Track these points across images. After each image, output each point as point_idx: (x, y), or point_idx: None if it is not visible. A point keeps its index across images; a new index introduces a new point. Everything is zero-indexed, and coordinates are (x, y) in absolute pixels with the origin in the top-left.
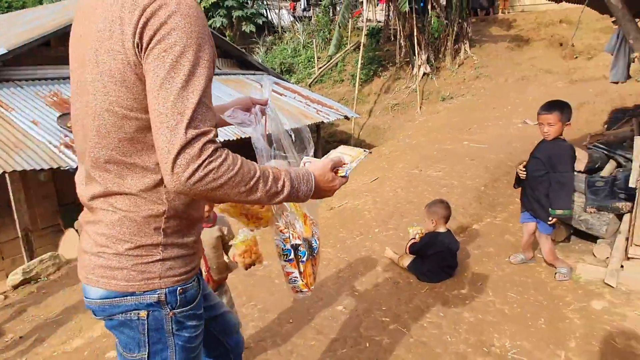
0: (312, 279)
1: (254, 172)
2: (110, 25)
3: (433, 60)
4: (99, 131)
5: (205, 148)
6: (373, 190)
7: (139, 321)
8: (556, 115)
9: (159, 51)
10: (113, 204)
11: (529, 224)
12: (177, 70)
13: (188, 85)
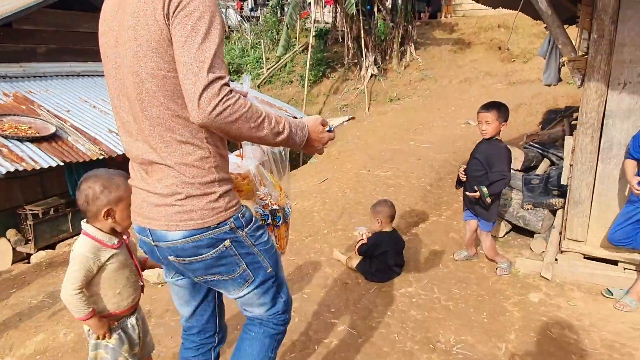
0: (285, 242)
1: (261, 112)
2: (143, 6)
3: (380, 62)
4: (148, 93)
5: (223, 88)
6: (322, 191)
7: (228, 249)
8: (494, 114)
9: (182, 17)
10: (170, 158)
11: (470, 221)
12: (196, 30)
13: (205, 40)
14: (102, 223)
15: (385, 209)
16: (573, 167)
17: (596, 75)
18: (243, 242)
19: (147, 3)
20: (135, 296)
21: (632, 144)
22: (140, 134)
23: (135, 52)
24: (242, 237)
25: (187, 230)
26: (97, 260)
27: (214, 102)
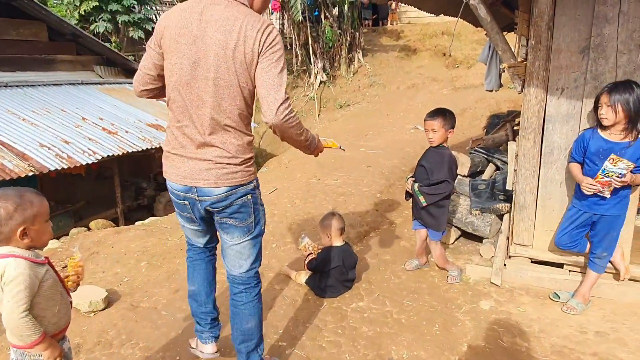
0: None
1: (302, 125)
2: (239, 37)
3: (329, 69)
4: (229, 96)
5: (290, 105)
6: (271, 202)
7: (249, 201)
8: (439, 122)
9: (270, 52)
10: (230, 138)
11: (420, 231)
12: (278, 63)
13: (282, 71)
14: (17, 243)
15: (334, 222)
16: (517, 172)
17: (535, 81)
18: (257, 198)
19: (246, 37)
20: (69, 314)
21: (574, 147)
22: (207, 121)
23: (228, 66)
24: (257, 195)
25: (230, 185)
26: (36, 277)
27: (286, 112)
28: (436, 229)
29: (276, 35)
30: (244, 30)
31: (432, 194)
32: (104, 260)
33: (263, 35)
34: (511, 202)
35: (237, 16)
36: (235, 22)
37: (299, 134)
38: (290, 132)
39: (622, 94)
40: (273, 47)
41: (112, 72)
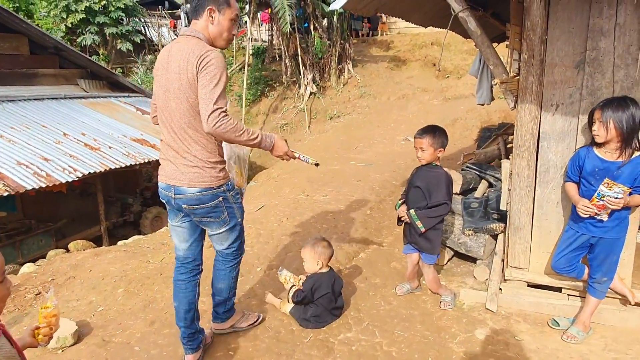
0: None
1: (243, 127)
2: (185, 64)
3: (319, 80)
4: (185, 111)
5: (221, 114)
6: (257, 220)
7: (221, 202)
8: (427, 140)
9: (204, 72)
10: (196, 146)
11: (412, 255)
12: (211, 81)
13: (215, 87)
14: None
15: (327, 250)
16: (511, 191)
17: (529, 96)
18: (228, 199)
19: (187, 62)
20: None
21: (570, 166)
22: (178, 133)
23: (182, 88)
24: (228, 196)
25: (201, 187)
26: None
27: (215, 120)
28: (431, 253)
29: (212, 58)
30: (188, 57)
31: (431, 217)
32: (80, 286)
33: (200, 59)
34: (505, 222)
35: (187, 48)
36: (186, 52)
37: (237, 136)
38: (227, 136)
39: (615, 111)
40: (207, 67)
41: (97, 85)
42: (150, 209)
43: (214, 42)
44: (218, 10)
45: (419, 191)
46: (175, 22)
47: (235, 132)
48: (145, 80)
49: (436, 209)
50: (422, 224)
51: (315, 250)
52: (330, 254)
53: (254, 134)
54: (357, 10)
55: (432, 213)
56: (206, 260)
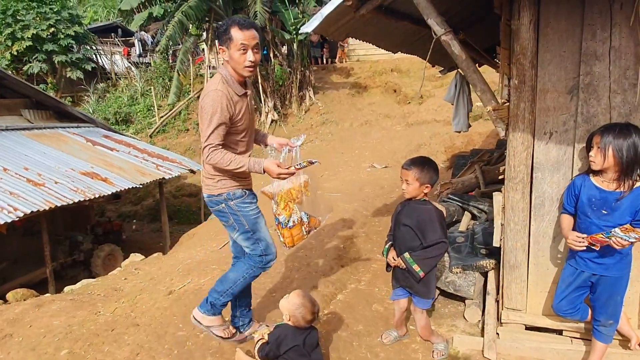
0: (289, 241)
1: (230, 159)
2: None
3: (280, 107)
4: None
5: (211, 149)
6: (222, 260)
7: (224, 208)
8: (414, 174)
9: (201, 111)
10: (205, 164)
11: (400, 301)
12: (203, 120)
13: (208, 126)
14: None
15: (308, 304)
16: (505, 227)
17: (521, 124)
18: (231, 207)
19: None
20: None
21: (565, 197)
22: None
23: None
24: (231, 204)
25: (209, 194)
26: None
27: (207, 154)
28: (426, 297)
29: (206, 98)
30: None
31: (429, 259)
32: (18, 346)
33: (201, 98)
34: (496, 258)
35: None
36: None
37: (225, 166)
38: (217, 166)
39: (616, 138)
40: (202, 108)
41: (43, 116)
42: (103, 247)
43: (238, 73)
44: (226, 47)
45: (408, 230)
46: (129, 50)
47: (223, 164)
48: (97, 109)
49: (434, 248)
50: (421, 267)
51: (304, 306)
52: (304, 316)
53: (240, 163)
54: (329, 34)
55: (429, 254)
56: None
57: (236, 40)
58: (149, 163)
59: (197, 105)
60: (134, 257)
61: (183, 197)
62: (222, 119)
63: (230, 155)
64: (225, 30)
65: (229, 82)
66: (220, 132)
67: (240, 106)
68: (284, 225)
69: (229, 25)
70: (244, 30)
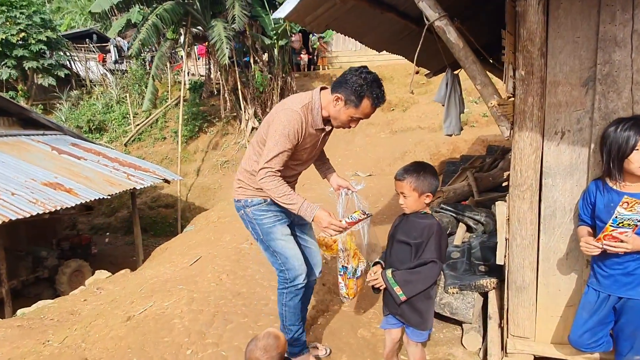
0: (352, 292)
1: (284, 192)
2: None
3: (261, 115)
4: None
5: (268, 173)
6: (191, 279)
7: (243, 215)
8: (409, 184)
9: (270, 124)
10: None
11: (392, 330)
12: (271, 137)
13: (274, 146)
14: None
15: (276, 345)
16: (510, 242)
17: (528, 122)
18: (248, 214)
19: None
20: None
21: (581, 206)
22: None
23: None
24: (247, 211)
25: (234, 197)
26: None
27: (261, 176)
28: (421, 328)
29: (280, 112)
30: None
31: (412, 282)
32: None
33: (275, 110)
34: (497, 276)
35: (294, 97)
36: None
37: (276, 197)
38: (269, 192)
39: None
40: (273, 122)
41: (5, 122)
42: (69, 262)
43: (329, 117)
44: (345, 101)
45: (404, 248)
46: (105, 56)
47: (275, 193)
48: (69, 117)
49: (419, 269)
50: (403, 290)
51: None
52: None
53: (292, 200)
54: (306, 24)
55: (413, 276)
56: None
57: (359, 110)
58: (119, 172)
59: (174, 113)
60: (100, 274)
61: (159, 208)
62: (289, 145)
63: (285, 187)
64: (359, 90)
65: (314, 110)
66: (283, 157)
67: (310, 140)
68: (351, 275)
69: (366, 91)
70: (373, 107)
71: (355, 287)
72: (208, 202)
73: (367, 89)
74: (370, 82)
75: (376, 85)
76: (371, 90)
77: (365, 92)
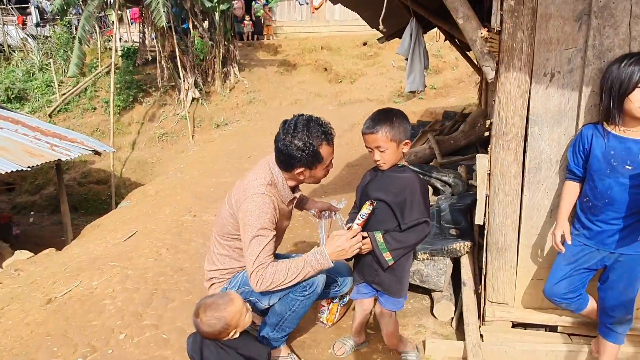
0: (333, 320)
1: (286, 268)
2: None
3: (202, 84)
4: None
5: (260, 269)
6: (125, 255)
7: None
8: (384, 134)
9: (241, 219)
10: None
11: (364, 301)
12: (247, 232)
13: (254, 240)
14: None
15: (213, 324)
16: (492, 199)
17: (517, 61)
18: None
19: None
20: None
21: (571, 155)
22: None
23: None
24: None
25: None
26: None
27: (255, 279)
28: (399, 295)
29: (246, 201)
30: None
31: (404, 246)
32: None
33: (239, 200)
34: (469, 239)
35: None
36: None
37: (286, 282)
38: (275, 287)
39: None
40: (244, 215)
41: None
42: None
43: (295, 185)
44: (307, 168)
45: (383, 208)
46: (25, 19)
47: (283, 281)
48: None
49: (413, 231)
50: (392, 255)
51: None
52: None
53: (299, 267)
54: None
55: (407, 238)
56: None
57: (325, 160)
58: (41, 143)
59: (105, 81)
60: (20, 255)
61: (90, 184)
62: (270, 234)
63: (284, 264)
64: (309, 150)
65: (279, 185)
66: (270, 248)
67: (284, 216)
68: (338, 299)
69: (315, 145)
70: (332, 145)
71: (337, 314)
72: (145, 177)
73: (312, 141)
74: (308, 134)
75: (314, 126)
76: (317, 138)
77: (315, 146)
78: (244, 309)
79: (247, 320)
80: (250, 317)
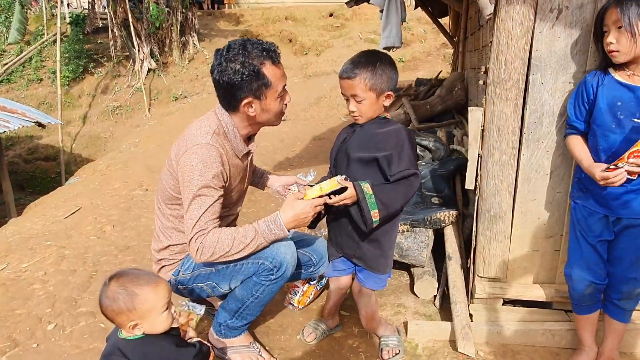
0: (304, 302)
1: (232, 237)
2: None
3: (158, 55)
4: None
5: (199, 236)
6: (64, 233)
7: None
8: (363, 81)
9: (181, 175)
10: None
11: (341, 278)
12: (187, 191)
13: (195, 200)
14: None
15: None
16: (485, 159)
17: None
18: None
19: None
20: None
21: (572, 105)
22: None
23: None
24: (186, 276)
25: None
26: None
27: (195, 247)
28: (381, 271)
29: (186, 153)
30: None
31: (392, 202)
32: None
33: (178, 152)
34: (454, 208)
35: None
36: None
37: (231, 253)
38: (217, 259)
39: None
40: (184, 171)
41: None
42: None
43: (257, 124)
44: (255, 95)
45: (367, 167)
46: None
47: (226, 251)
48: None
49: (401, 184)
50: (379, 213)
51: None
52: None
53: (248, 235)
54: None
55: (398, 190)
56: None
57: (274, 81)
58: None
59: (52, 50)
60: None
61: (37, 161)
62: (217, 193)
63: (226, 230)
64: (248, 71)
65: (230, 133)
66: (215, 210)
67: (237, 173)
68: (316, 281)
69: (255, 64)
70: (278, 64)
71: (311, 297)
72: (98, 152)
73: (252, 60)
74: (245, 53)
75: (251, 45)
76: (257, 57)
77: (257, 65)
78: (165, 307)
79: (159, 323)
80: (166, 326)
